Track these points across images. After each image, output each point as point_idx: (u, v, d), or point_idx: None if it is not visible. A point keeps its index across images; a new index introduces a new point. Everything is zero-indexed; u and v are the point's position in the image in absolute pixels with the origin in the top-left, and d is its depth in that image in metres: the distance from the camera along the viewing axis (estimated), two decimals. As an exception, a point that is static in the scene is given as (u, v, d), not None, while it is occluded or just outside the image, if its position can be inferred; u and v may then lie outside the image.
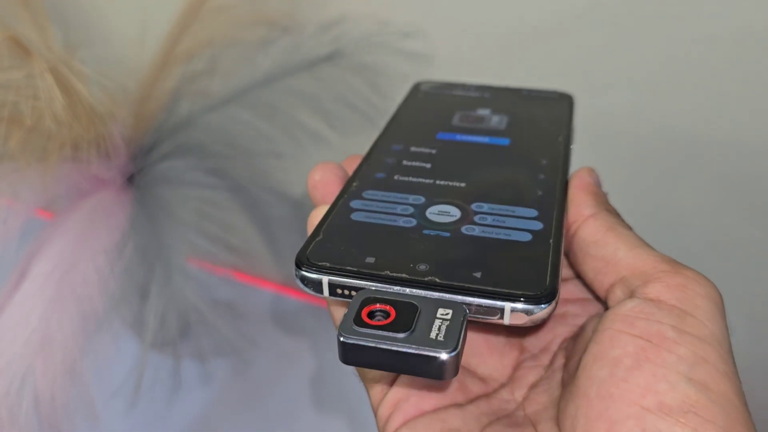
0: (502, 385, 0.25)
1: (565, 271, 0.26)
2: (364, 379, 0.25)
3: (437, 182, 0.28)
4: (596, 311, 0.25)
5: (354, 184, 0.27)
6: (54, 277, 0.41)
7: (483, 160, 0.29)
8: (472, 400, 0.24)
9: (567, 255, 0.26)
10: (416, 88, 0.36)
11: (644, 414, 0.20)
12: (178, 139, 0.46)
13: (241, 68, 0.46)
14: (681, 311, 0.22)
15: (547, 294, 0.22)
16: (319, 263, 0.23)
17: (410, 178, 0.28)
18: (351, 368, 0.23)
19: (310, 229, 0.26)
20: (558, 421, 0.22)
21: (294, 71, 0.46)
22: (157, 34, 0.44)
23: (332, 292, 0.23)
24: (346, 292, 0.22)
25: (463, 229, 0.25)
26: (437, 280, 0.22)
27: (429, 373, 0.21)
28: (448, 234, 0.24)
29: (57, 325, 0.41)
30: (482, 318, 0.22)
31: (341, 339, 0.21)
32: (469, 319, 0.22)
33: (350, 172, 0.29)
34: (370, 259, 0.23)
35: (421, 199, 0.26)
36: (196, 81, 0.46)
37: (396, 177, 0.28)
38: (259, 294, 0.58)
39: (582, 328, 0.25)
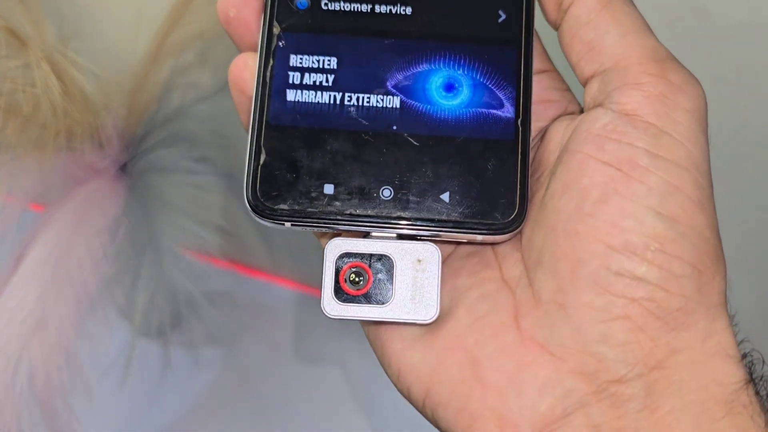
0: None
1: (536, 63, 0.23)
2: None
3: (377, 9, 0.23)
4: (559, 113, 0.23)
5: (275, 29, 0.24)
6: (50, 261, 0.43)
7: None
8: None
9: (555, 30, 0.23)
10: None
11: (609, 253, 0.19)
12: (169, 129, 0.47)
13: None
14: (657, 130, 0.20)
15: (517, 215, 0.21)
16: (275, 207, 0.22)
17: (342, 4, 0.24)
18: (343, 359, 0.22)
19: (236, 95, 0.23)
20: (522, 246, 0.21)
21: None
22: (149, 27, 0.46)
23: (293, 228, 0.22)
24: (309, 229, 0.22)
25: (417, 129, 0.22)
26: (405, 215, 0.21)
27: (413, 325, 0.21)
28: (400, 134, 0.22)
29: (52, 307, 0.42)
30: (453, 240, 0.22)
31: (327, 315, 0.21)
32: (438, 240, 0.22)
33: None
34: (329, 189, 0.22)
35: (368, 72, 0.23)
36: (187, 73, 0.47)
37: (323, 4, 0.24)
38: (249, 282, 0.59)
39: (543, 132, 0.23)
